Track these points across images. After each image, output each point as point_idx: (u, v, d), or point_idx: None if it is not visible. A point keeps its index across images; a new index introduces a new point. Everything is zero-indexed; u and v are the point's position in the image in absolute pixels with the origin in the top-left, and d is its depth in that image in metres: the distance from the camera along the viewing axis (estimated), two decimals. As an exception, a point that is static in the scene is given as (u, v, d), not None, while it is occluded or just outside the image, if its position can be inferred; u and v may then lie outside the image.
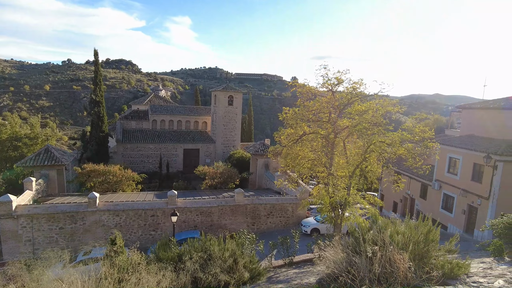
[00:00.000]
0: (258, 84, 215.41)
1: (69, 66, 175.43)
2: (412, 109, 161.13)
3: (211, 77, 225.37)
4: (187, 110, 47.30)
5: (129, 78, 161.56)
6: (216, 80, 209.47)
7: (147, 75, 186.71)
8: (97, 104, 35.39)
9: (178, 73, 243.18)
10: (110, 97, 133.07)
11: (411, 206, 28.83)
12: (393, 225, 6.02)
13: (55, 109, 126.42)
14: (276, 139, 15.72)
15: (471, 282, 5.06)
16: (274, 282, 7.38)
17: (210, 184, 29.50)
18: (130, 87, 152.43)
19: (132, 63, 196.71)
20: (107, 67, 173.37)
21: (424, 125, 13.24)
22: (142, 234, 21.53)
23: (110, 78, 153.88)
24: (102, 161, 31.03)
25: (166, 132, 43.14)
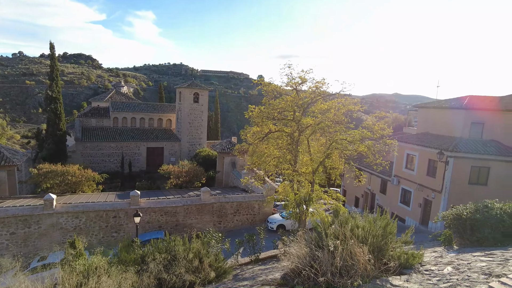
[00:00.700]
0: (225, 81, 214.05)
1: (21, 59, 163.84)
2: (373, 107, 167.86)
3: (176, 74, 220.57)
4: (150, 107, 45.96)
5: (89, 74, 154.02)
6: (181, 76, 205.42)
7: (108, 70, 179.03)
8: (54, 100, 33.47)
9: (141, 69, 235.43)
10: (68, 93, 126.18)
11: (372, 200, 30.12)
12: (353, 219, 6.24)
13: (4, 105, 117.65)
14: (242, 137, 15.76)
15: (424, 270, 5.38)
16: (240, 279, 7.40)
17: (175, 183, 28.97)
18: (90, 83, 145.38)
19: (92, 58, 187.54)
20: (64, 62, 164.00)
21: (384, 123, 13.89)
22: (104, 236, 20.70)
23: (68, 73, 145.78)
24: (59, 160, 29.42)
25: (129, 130, 41.68)
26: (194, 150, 41.33)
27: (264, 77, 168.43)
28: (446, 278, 4.76)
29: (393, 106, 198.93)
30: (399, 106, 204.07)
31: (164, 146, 41.66)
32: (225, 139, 42.92)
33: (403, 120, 62.78)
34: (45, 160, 29.16)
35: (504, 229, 7.20)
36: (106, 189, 29.16)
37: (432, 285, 4.47)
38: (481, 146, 21.03)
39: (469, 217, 7.79)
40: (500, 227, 7.23)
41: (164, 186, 30.36)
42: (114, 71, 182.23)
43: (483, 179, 20.71)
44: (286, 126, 14.86)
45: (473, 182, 20.72)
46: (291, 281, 5.39)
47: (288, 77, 14.59)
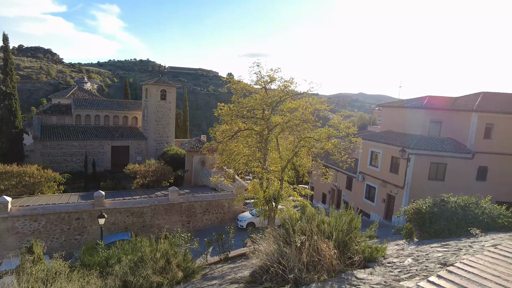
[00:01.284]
0: (193, 78, 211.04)
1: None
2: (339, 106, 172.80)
3: (142, 70, 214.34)
4: (115, 104, 44.30)
5: (49, 69, 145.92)
6: (148, 73, 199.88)
7: (70, 66, 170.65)
8: (8, 96, 31.38)
9: (105, 64, 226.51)
10: (25, 89, 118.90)
11: (339, 197, 31.02)
12: (320, 215, 6.38)
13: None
14: (212, 135, 15.64)
15: (386, 263, 5.61)
16: (209, 278, 7.35)
17: (142, 183, 28.22)
18: (50, 79, 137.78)
19: (51, 52, 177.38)
20: (20, 55, 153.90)
21: (349, 121, 14.36)
22: (66, 240, 19.75)
23: (24, 67, 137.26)
24: (15, 160, 27.65)
25: (92, 128, 39.96)
26: (161, 149, 40.38)
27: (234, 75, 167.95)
28: (407, 269, 4.99)
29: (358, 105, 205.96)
30: (364, 105, 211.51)
31: (130, 144, 40.37)
32: (194, 137, 42.38)
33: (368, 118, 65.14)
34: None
35: (457, 221, 7.67)
36: (68, 190, 27.81)
37: (394, 277, 4.67)
38: (439, 143, 22.28)
39: (428, 211, 8.23)
40: (454, 219, 7.70)
41: (130, 186, 29.45)
42: (77, 66, 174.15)
43: (441, 174, 21.97)
44: (256, 125, 14.91)
45: (432, 178, 21.92)
46: (260, 278, 5.42)
47: (257, 76, 14.64)
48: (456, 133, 23.10)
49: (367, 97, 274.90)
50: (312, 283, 4.83)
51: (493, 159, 21.82)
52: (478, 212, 7.66)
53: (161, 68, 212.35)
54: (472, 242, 6.21)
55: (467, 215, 7.67)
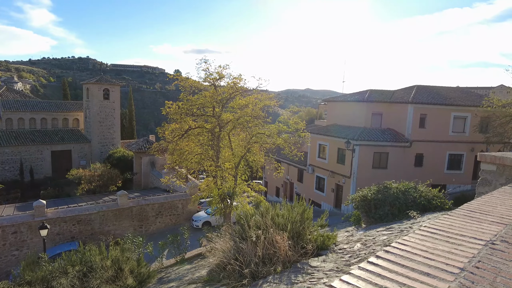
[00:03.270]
0: (138, 76, 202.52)
1: None
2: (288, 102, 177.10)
3: (82, 69, 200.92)
4: (53, 105, 40.94)
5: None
6: (89, 71, 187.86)
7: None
8: None
9: (39, 62, 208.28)
10: None
11: (291, 189, 31.95)
12: (274, 209, 6.53)
13: None
14: (160, 135, 15.21)
15: (337, 249, 5.92)
16: (166, 282, 7.18)
17: (88, 189, 26.57)
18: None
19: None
20: None
21: (298, 117, 14.83)
22: (1, 257, 17.94)
23: None
24: None
25: (27, 133, 36.54)
26: (107, 151, 38.22)
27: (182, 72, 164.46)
28: (356, 253, 5.31)
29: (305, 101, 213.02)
30: (311, 100, 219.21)
31: (72, 148, 37.65)
32: (141, 137, 40.75)
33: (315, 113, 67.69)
34: None
35: (399, 205, 8.32)
36: (1, 201, 25.26)
37: (345, 262, 4.94)
38: (381, 134, 23.89)
39: (372, 198, 8.80)
40: (396, 204, 8.34)
41: (75, 193, 27.57)
42: (4, 64, 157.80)
43: (384, 163, 23.61)
44: (207, 122, 14.78)
45: (376, 166, 23.47)
46: (217, 276, 5.43)
47: (206, 73, 14.51)
48: (395, 123, 24.93)
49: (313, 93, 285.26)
50: (268, 275, 4.95)
51: (427, 147, 23.96)
52: (416, 196, 8.37)
53: (102, 66, 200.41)
54: (412, 223, 6.78)
55: (407, 199, 8.34)
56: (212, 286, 5.22)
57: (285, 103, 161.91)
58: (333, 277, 4.32)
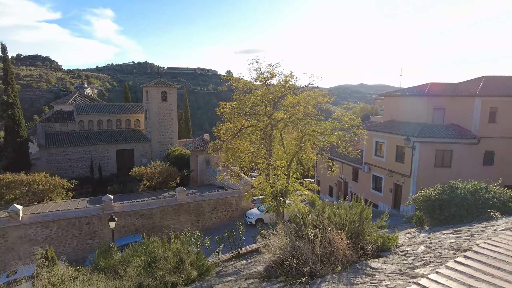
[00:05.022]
0: (193, 78, 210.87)
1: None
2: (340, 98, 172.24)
3: (141, 73, 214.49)
4: (117, 108, 44.42)
5: (48, 76, 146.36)
6: (147, 75, 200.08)
7: (70, 72, 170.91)
8: (11, 106, 31.56)
9: (104, 69, 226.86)
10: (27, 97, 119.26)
11: (345, 189, 31.04)
12: (330, 208, 6.42)
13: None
14: (215, 134, 15.69)
15: (399, 251, 5.64)
16: (223, 275, 7.41)
17: (149, 185, 28.36)
18: (50, 86, 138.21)
19: (50, 59, 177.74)
20: (19, 64, 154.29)
21: (352, 113, 14.32)
22: (78, 245, 19.94)
23: (24, 76, 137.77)
24: (22, 169, 27.85)
25: (96, 133, 40.13)
26: (165, 150, 40.50)
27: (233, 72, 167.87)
28: (420, 256, 5.03)
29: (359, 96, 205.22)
30: (365, 96, 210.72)
31: (134, 147, 40.53)
32: (197, 137, 42.44)
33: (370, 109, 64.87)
34: (6, 170, 27.50)
35: (468, 206, 7.68)
36: (76, 195, 28.02)
37: (408, 264, 4.70)
38: (444, 130, 22.19)
39: (437, 198, 8.24)
40: (464, 205, 7.71)
41: (138, 189, 29.62)
42: (76, 72, 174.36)
43: (447, 161, 21.90)
44: (259, 121, 14.94)
45: (439, 165, 21.86)
46: (274, 273, 5.48)
47: (257, 72, 14.66)
48: (460, 119, 22.98)
49: (368, 88, 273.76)
50: (327, 274, 4.88)
51: (499, 143, 21.71)
52: (488, 196, 7.67)
53: (159, 69, 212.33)
54: (484, 227, 6.23)
55: (477, 200, 7.68)
56: (270, 282, 5.28)
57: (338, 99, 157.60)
58: (396, 280, 4.13)
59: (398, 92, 27.92)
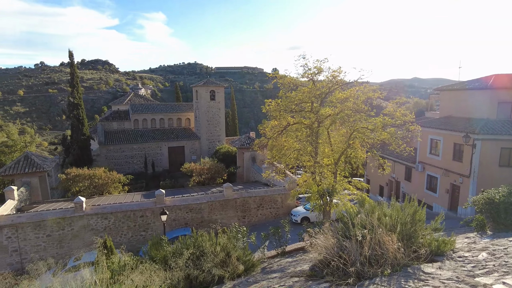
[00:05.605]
0: (239, 77, 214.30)
1: (43, 69, 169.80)
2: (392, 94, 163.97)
3: (191, 73, 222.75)
4: (168, 107, 46.61)
5: (107, 78, 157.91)
6: (196, 75, 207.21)
7: (125, 74, 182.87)
8: (76, 106, 34.51)
9: (157, 70, 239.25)
10: (89, 98, 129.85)
11: (397, 189, 29.56)
12: (380, 208, 6.16)
13: (31, 114, 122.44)
14: (261, 132, 15.77)
15: (457, 257, 5.25)
16: (269, 272, 7.46)
17: (198, 181, 29.38)
18: (108, 88, 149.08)
19: (108, 63, 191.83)
20: (83, 68, 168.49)
21: (405, 109, 13.56)
22: (133, 236, 21.30)
23: (87, 79, 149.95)
24: (85, 164, 30.38)
25: (149, 131, 42.49)
26: (213, 147, 41.70)
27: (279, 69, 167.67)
28: (482, 264, 4.63)
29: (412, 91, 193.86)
30: (419, 90, 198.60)
31: (184, 145, 42.26)
32: (243, 134, 43.06)
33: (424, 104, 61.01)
34: (72, 165, 30.18)
35: (540, 211, 6.92)
36: (131, 189, 29.92)
37: (467, 272, 4.36)
38: (511, 127, 20.17)
39: (502, 201, 7.53)
40: (536, 210, 6.96)
41: (188, 184, 30.86)
42: (131, 74, 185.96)
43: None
44: (305, 118, 14.76)
45: (504, 165, 19.95)
46: (320, 272, 5.39)
47: (304, 68, 14.46)
48: (531, 113, 20.71)
49: (422, 82, 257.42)
50: (375, 277, 4.70)
51: None
52: None
53: (208, 69, 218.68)
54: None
55: (550, 204, 6.88)
56: (315, 282, 5.21)
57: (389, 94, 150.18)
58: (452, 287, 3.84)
59: (457, 86, 25.88)
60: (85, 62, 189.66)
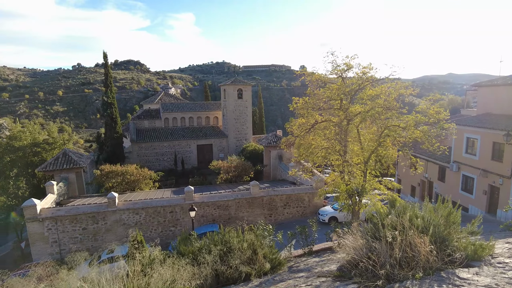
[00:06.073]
0: (267, 75, 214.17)
1: (79, 70, 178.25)
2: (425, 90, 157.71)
3: (219, 72, 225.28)
4: (197, 106, 47.47)
5: (139, 78, 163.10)
6: (225, 74, 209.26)
7: (156, 74, 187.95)
8: (110, 106, 35.91)
9: (186, 69, 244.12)
10: (122, 98, 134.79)
11: (430, 189, 28.42)
12: (411, 209, 5.94)
13: (69, 113, 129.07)
14: (288, 130, 15.69)
15: (496, 263, 4.97)
16: (295, 271, 7.42)
17: (225, 178, 29.73)
18: (140, 87, 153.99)
19: (140, 63, 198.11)
20: (116, 69, 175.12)
21: (439, 106, 12.97)
22: (162, 231, 21.92)
23: (120, 79, 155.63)
24: (118, 161, 31.57)
25: (179, 129, 43.49)
26: (240, 145, 42.02)
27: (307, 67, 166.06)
28: (524, 271, 4.35)
29: (447, 88, 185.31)
30: (455, 87, 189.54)
31: (212, 143, 42.89)
32: (270, 133, 43.03)
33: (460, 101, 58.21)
34: (106, 162, 31.48)
35: None
36: (162, 186, 30.78)
37: (508, 279, 4.11)
38: (557, 124, 18.80)
39: (546, 204, 7.02)
40: None
41: (215, 181, 31.31)
42: (161, 74, 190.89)
43: (561, 161, 18.53)
44: (333, 116, 14.50)
45: (549, 165, 18.62)
46: (348, 273, 5.29)
47: (333, 65, 14.22)
48: None
49: (457, 77, 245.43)
50: (406, 280, 4.54)
51: None
52: None
53: (236, 68, 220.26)
54: None
55: None
56: (343, 282, 5.12)
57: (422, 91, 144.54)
58: (491, 294, 3.64)
59: (498, 81, 24.41)
60: (118, 62, 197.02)
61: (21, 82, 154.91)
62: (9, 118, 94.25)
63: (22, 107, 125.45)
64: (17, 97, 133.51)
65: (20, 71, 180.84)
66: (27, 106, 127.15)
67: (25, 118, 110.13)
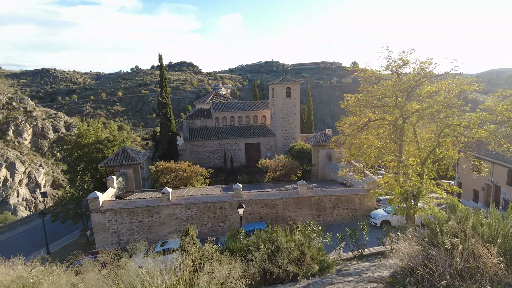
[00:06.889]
0: (316, 72, 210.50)
1: (137, 72, 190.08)
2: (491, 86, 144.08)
3: (268, 71, 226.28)
4: (246, 105, 48.16)
5: (191, 79, 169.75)
6: (273, 73, 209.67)
7: (207, 74, 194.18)
8: (164, 105, 37.78)
9: (235, 70, 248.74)
10: (175, 98, 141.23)
11: (496, 194, 25.89)
12: (475, 216, 5.46)
13: (127, 113, 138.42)
14: (338, 129, 15.25)
15: None
16: (344, 274, 7.20)
17: (273, 177, 29.79)
18: (192, 88, 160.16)
19: (192, 64, 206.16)
20: (170, 70, 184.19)
21: (509, 103, 11.71)
22: (212, 226, 22.61)
23: (174, 80, 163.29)
24: (172, 158, 33.13)
25: (228, 128, 44.52)
26: (288, 144, 41.83)
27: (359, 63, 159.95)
28: None
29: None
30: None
31: (260, 141, 43.25)
32: (318, 131, 42.29)
33: (536, 97, 52.05)
34: (161, 159, 33.20)
35: None
36: (212, 183, 31.73)
37: None
38: None
39: None
40: None
41: (263, 180, 31.52)
42: (212, 74, 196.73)
43: None
44: (388, 114, 13.81)
45: None
46: (402, 280, 5.01)
47: (387, 60, 13.55)
48: None
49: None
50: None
51: None
52: None
53: (284, 67, 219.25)
54: None
55: None
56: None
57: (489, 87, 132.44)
58: None
59: None
60: (172, 64, 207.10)
61: (87, 84, 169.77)
62: (77, 117, 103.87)
63: (88, 107, 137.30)
64: (83, 98, 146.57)
65: (87, 75, 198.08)
66: (92, 106, 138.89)
67: (90, 118, 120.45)
